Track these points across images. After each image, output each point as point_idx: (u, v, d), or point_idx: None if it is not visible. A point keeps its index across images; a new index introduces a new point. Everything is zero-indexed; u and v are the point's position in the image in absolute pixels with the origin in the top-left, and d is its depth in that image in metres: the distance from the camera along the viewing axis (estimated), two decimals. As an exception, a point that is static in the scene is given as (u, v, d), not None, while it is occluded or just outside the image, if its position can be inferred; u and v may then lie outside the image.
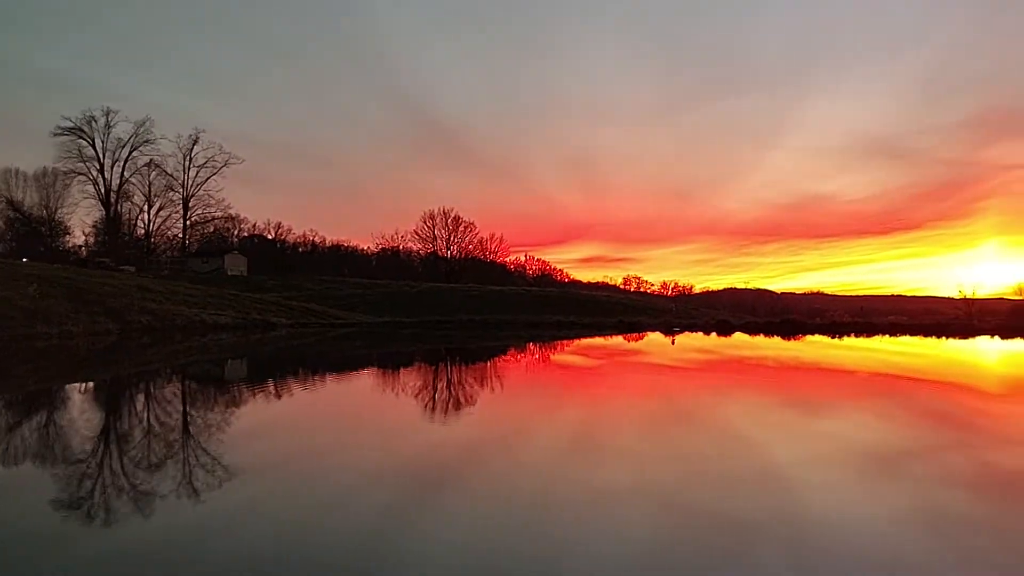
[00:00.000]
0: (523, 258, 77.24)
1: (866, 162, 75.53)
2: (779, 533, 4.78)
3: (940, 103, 69.91)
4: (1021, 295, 50.26)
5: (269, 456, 7.24)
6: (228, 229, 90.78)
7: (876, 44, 69.54)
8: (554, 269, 75.54)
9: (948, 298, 53.97)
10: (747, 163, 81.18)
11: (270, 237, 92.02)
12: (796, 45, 72.43)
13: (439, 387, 13.95)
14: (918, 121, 71.06)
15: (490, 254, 78.51)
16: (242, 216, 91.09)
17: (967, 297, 50.08)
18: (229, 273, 74.31)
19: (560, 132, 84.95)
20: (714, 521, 5.04)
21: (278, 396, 12.18)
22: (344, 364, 20.32)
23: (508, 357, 22.59)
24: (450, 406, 11.21)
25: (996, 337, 33.24)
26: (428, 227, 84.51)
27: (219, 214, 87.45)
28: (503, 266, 76.10)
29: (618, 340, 31.07)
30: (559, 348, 26.55)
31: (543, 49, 79.91)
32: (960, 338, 32.77)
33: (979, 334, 35.43)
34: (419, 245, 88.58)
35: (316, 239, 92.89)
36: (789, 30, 70.29)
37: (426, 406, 11.25)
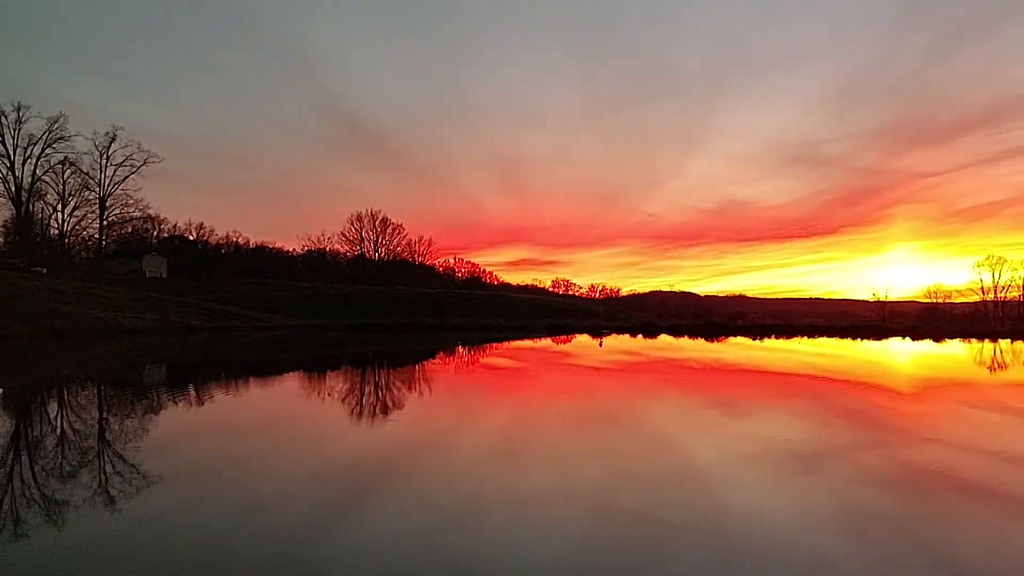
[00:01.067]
0: (452, 261, 76.89)
1: (785, 169, 78.42)
2: (701, 532, 4.81)
3: (855, 113, 73.21)
4: (930, 298, 52.75)
5: (186, 464, 6.82)
6: (147, 230, 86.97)
7: (794, 55, 72.27)
8: (483, 272, 75.48)
9: (862, 301, 56.51)
10: (671, 168, 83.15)
11: (191, 238, 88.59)
12: (717, 55, 74.68)
13: (366, 391, 13.59)
14: (834, 130, 74.16)
15: (419, 256, 77.89)
16: (162, 216, 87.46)
17: (880, 300, 52.41)
18: (148, 275, 71.28)
19: (488, 136, 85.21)
20: (639, 520, 5.06)
21: (199, 403, 11.62)
22: (265, 369, 19.63)
23: (437, 360, 22.32)
24: (377, 411, 10.91)
25: (907, 338, 34.74)
26: (355, 229, 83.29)
27: (138, 214, 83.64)
28: (432, 268, 75.61)
29: (547, 342, 31.15)
30: (489, 351, 26.42)
31: (470, 54, 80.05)
32: (874, 339, 34.10)
33: (891, 335, 36.99)
34: (346, 247, 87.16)
35: (240, 240, 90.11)
36: (711, 40, 72.44)
37: (352, 412, 10.92)
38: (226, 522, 4.90)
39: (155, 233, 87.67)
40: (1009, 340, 33.11)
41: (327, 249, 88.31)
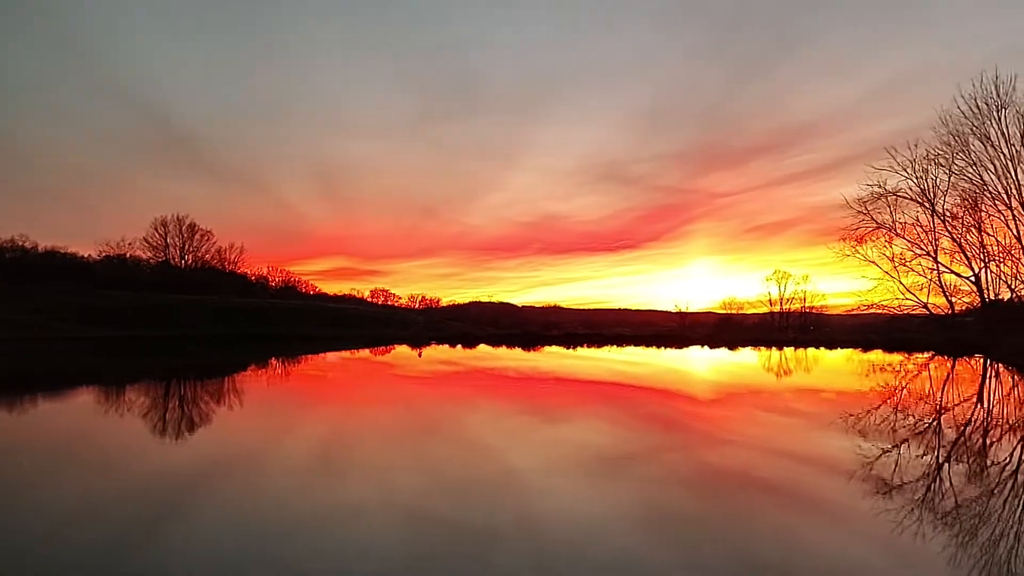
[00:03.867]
0: (266, 269, 73.32)
1: (597, 186, 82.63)
2: (517, 538, 4.99)
3: (660, 136, 78.60)
4: (726, 309, 57.55)
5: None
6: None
7: (606, 78, 76.40)
8: (300, 281, 72.58)
9: (666, 312, 60.43)
10: (491, 182, 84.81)
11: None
12: (535, 72, 77.25)
13: (170, 407, 12.59)
14: (642, 151, 79.19)
15: (229, 264, 73.64)
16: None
17: (681, 311, 56.56)
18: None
19: (308, 143, 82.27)
20: (456, 529, 5.16)
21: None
22: (48, 384, 17.62)
23: (248, 373, 21.16)
24: (182, 428, 10.16)
25: (705, 346, 37.74)
26: (160, 234, 77.17)
27: None
28: (244, 277, 71.59)
29: (365, 353, 30.60)
30: (304, 362, 25.48)
31: (288, 59, 76.90)
32: (676, 347, 36.75)
33: (691, 344, 40.06)
34: (150, 253, 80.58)
35: (27, 244, 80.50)
36: (528, 57, 74.81)
37: (154, 428, 10.08)
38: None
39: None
40: (792, 347, 36.87)
41: (128, 255, 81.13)
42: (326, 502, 5.94)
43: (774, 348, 36.69)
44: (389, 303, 77.44)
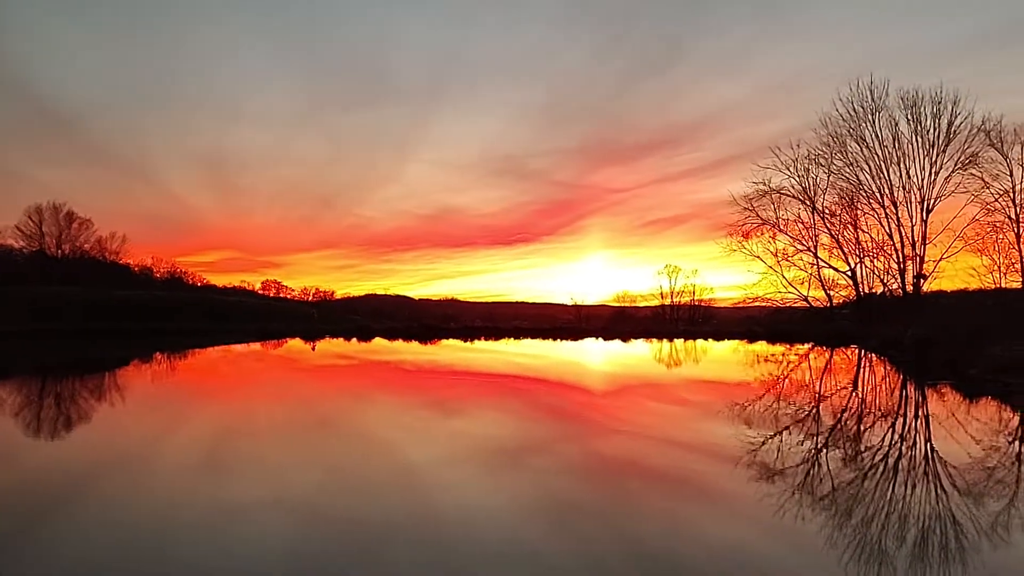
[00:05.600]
0: (150, 260, 69.60)
1: (495, 179, 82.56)
2: (414, 533, 4.95)
3: (558, 130, 79.30)
4: (620, 302, 58.96)
5: None
6: None
7: (504, 71, 76.32)
8: (187, 272, 69.18)
9: (562, 305, 61.29)
10: (389, 173, 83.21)
11: None
12: (433, 63, 76.25)
13: (45, 405, 11.74)
14: (539, 145, 79.64)
15: (111, 255, 69.55)
16: None
17: (577, 304, 57.58)
18: None
19: (197, 131, 78.19)
20: (351, 526, 5.08)
21: None
22: None
23: (131, 369, 20.03)
24: (58, 426, 9.52)
25: (600, 339, 38.55)
26: (34, 223, 71.88)
27: None
28: (127, 268, 67.72)
29: (257, 346, 29.63)
30: (192, 357, 24.37)
31: (179, 45, 72.89)
32: (572, 340, 37.37)
33: (587, 336, 40.83)
34: (23, 243, 75.20)
35: None
36: (427, 48, 73.72)
37: (27, 427, 9.39)
38: None
39: None
40: (682, 339, 38.16)
41: (-1, 244, 75.29)
42: (211, 503, 5.72)
43: (665, 340, 37.88)
44: (281, 296, 75.15)
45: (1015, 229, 30.55)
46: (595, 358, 26.16)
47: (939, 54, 56.33)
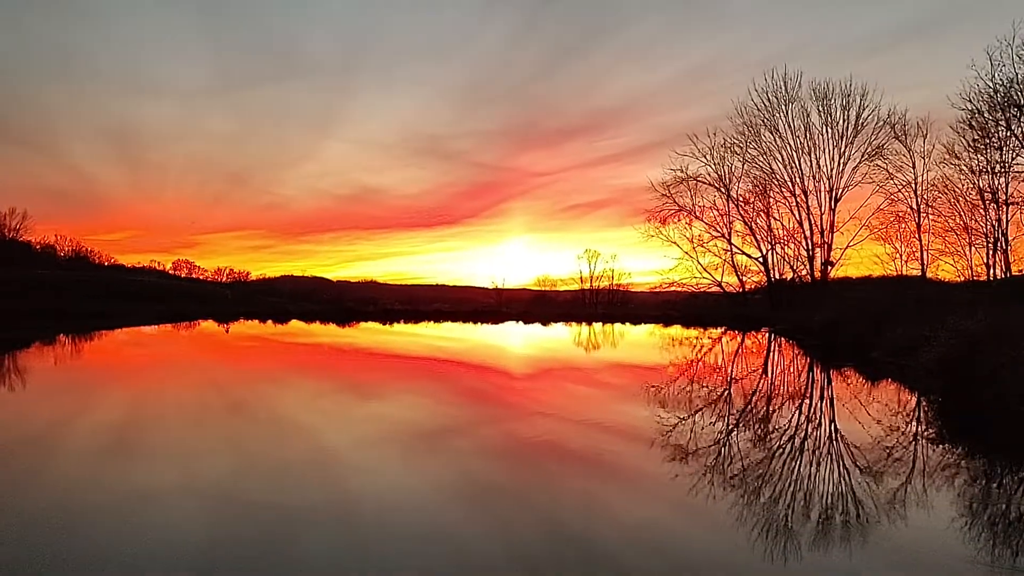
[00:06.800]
0: (55, 238, 65.99)
1: (416, 159, 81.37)
2: (331, 517, 4.88)
3: (479, 111, 78.75)
4: (540, 286, 59.38)
5: None
6: None
7: (426, 50, 75.14)
8: (94, 252, 65.86)
9: (482, 288, 61.24)
10: (305, 152, 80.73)
11: None
12: (353, 39, 74.38)
13: None
14: (461, 126, 78.88)
15: (10, 231, 65.71)
16: None
17: (498, 287, 57.74)
18: None
19: (102, 104, 74.06)
20: (266, 511, 4.98)
21: None
22: None
23: (32, 351, 18.95)
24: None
25: (520, 322, 38.77)
26: (-78, 199, 67.58)
27: None
28: (27, 245, 64.10)
29: (168, 328, 28.59)
30: (99, 339, 23.26)
31: (76, 10, 68.91)
32: (492, 323, 37.46)
33: (507, 319, 41.01)
34: (-91, 220, 70.22)
35: None
36: (346, 23, 71.75)
37: None
38: None
39: None
40: (601, 323, 38.74)
41: None
42: (117, 488, 5.49)
43: (584, 323, 38.38)
44: (193, 276, 72.57)
45: (916, 219, 32.04)
46: (515, 341, 26.29)
47: (850, 48, 58.52)
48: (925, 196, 31.41)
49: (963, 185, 27.39)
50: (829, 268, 36.38)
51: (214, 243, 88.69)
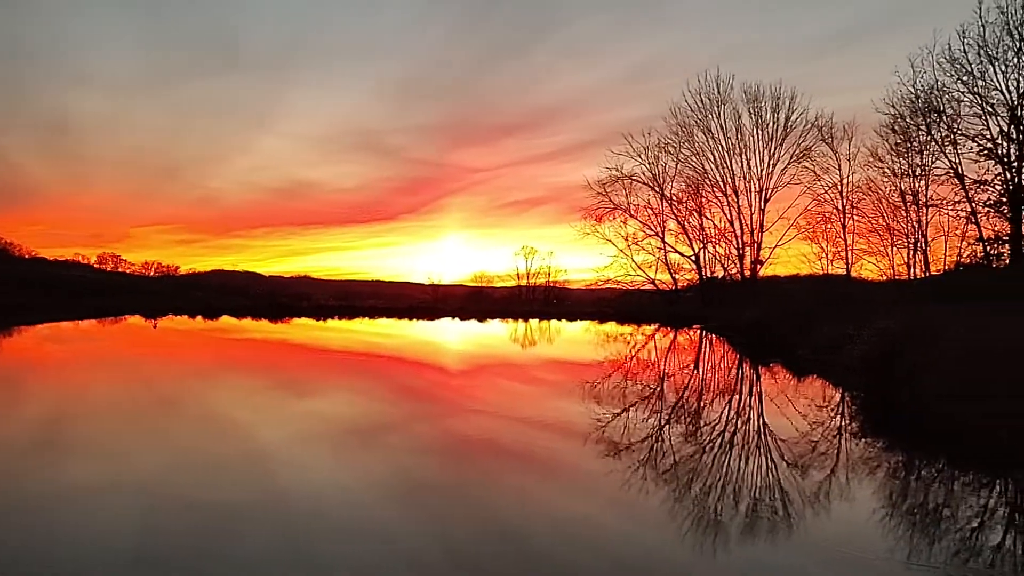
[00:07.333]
0: (-30, 230, 62.66)
1: (352, 154, 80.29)
2: (265, 514, 4.81)
3: (416, 107, 78.20)
4: (477, 282, 59.32)
5: None
6: None
7: (362, 44, 74.23)
8: (12, 244, 62.81)
9: (419, 284, 60.91)
10: (239, 145, 78.72)
11: None
12: (288, 32, 73.00)
13: None
14: (397, 121, 78.17)
15: (-77, 222, 62.20)
16: None
17: (434, 284, 57.49)
18: None
19: (32, 94, 70.64)
20: (200, 508, 4.86)
21: None
22: None
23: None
24: None
25: (456, 318, 38.67)
26: None
27: None
28: (-59, 237, 60.89)
29: (91, 324, 27.53)
30: (16, 335, 22.23)
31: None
32: (428, 319, 37.27)
33: (443, 315, 40.85)
34: None
35: None
36: (282, 16, 70.41)
37: None
38: None
39: None
40: (537, 319, 38.92)
41: None
42: (46, 486, 5.30)
43: (521, 320, 38.51)
44: (120, 270, 70.01)
45: (842, 220, 33.13)
46: (451, 338, 26.22)
47: (780, 52, 60.46)
48: (850, 197, 32.62)
49: (886, 187, 28.62)
50: (758, 267, 37.42)
51: (142, 237, 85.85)
